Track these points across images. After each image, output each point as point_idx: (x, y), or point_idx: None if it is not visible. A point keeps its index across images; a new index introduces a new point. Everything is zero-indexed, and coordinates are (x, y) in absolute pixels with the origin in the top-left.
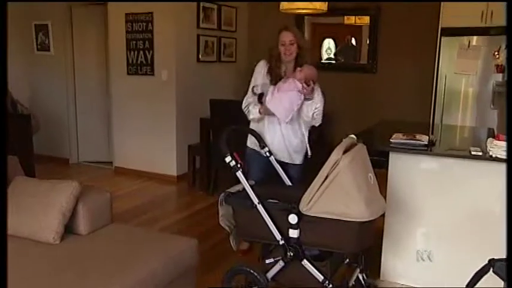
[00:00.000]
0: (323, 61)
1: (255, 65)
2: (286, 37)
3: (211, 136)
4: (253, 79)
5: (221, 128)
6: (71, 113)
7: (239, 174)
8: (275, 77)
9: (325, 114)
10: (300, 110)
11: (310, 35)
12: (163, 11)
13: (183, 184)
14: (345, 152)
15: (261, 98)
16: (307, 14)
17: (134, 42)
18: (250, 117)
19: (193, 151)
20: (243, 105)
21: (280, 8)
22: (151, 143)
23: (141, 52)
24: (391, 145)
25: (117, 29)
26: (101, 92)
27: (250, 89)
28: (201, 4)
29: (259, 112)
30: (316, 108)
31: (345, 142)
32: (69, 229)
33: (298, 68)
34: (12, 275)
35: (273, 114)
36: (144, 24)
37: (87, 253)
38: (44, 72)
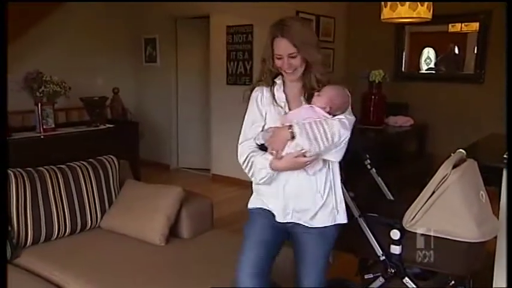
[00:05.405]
0: (422, 71)
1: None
2: (283, 49)
3: None
4: (252, 114)
5: None
6: (173, 121)
7: None
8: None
9: (425, 126)
10: None
11: (409, 44)
12: (263, 22)
13: None
14: (454, 167)
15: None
16: (410, 23)
17: (234, 53)
18: (253, 176)
19: None
20: (242, 157)
21: (381, 17)
22: None
23: (241, 63)
24: (505, 161)
25: (218, 40)
26: (201, 101)
27: (247, 128)
28: (300, 15)
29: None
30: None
31: (454, 157)
32: (173, 232)
33: (317, 93)
34: (120, 271)
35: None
36: (244, 35)
37: (191, 256)
38: (150, 82)
